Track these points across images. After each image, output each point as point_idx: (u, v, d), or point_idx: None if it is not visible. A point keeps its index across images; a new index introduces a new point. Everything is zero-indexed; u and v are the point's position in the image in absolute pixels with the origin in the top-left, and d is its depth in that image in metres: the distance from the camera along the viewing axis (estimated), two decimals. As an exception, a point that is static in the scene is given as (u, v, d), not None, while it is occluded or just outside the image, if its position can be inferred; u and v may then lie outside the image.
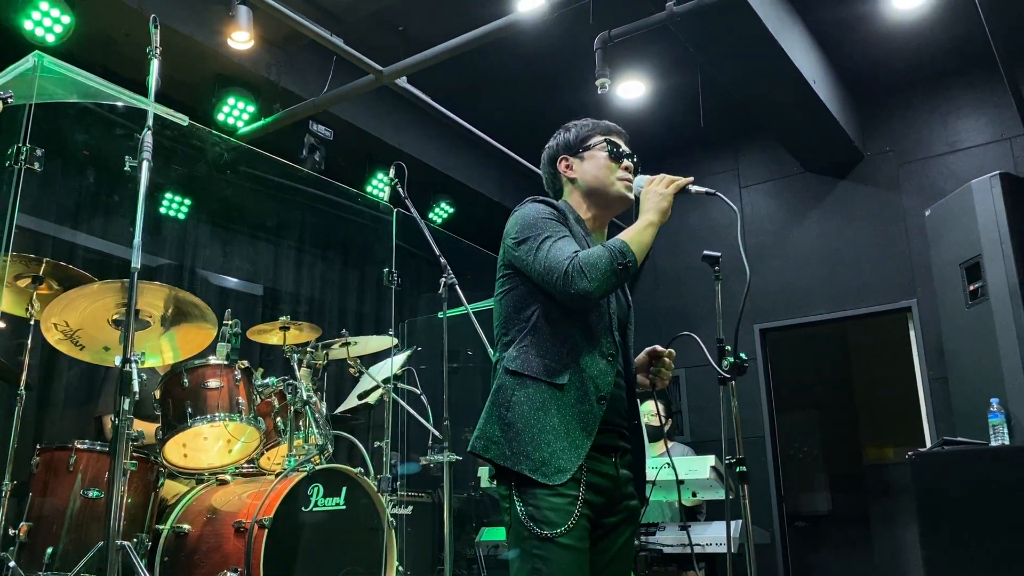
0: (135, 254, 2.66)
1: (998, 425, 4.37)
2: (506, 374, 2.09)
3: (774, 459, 6.49)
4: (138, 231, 2.68)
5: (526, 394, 2.04)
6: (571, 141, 2.33)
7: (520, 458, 1.98)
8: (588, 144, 2.31)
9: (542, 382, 2.04)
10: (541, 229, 2.11)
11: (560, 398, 2.03)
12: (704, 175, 7.25)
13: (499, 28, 4.57)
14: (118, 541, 2.50)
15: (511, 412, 2.03)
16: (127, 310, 2.57)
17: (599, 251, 2.03)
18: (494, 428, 2.05)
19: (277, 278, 6.38)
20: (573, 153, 2.32)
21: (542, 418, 2.01)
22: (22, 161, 2.32)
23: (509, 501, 2.00)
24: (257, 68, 5.19)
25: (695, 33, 4.88)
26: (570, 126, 2.37)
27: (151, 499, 3.43)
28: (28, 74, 2.41)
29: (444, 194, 6.83)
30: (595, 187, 2.28)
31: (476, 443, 2.07)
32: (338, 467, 3.52)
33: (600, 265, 2.00)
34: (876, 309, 6.33)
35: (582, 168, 2.30)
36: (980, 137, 6.09)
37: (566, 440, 2.00)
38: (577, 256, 2.02)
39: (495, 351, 2.20)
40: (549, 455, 1.97)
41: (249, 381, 3.70)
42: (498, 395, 2.08)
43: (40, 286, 3.42)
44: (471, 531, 5.88)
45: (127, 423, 2.49)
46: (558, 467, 1.96)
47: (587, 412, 2.04)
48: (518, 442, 1.99)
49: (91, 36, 4.61)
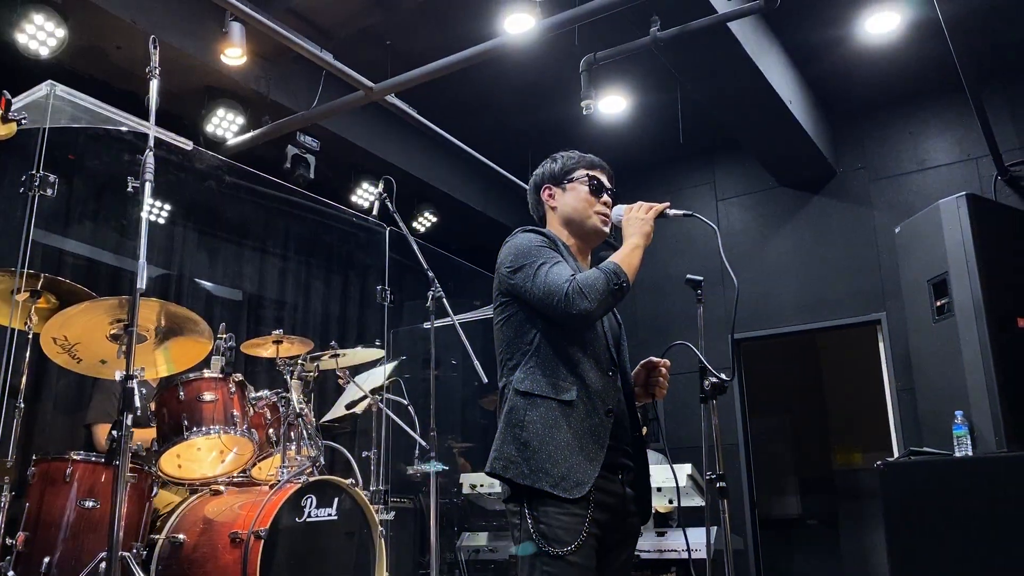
0: (140, 273, 2.71)
1: (962, 437, 4.52)
2: (516, 395, 2.17)
3: (747, 466, 6.65)
4: (142, 252, 2.73)
5: (538, 413, 2.12)
6: (556, 172, 2.45)
7: (539, 475, 2.06)
8: (572, 176, 2.43)
9: (551, 400, 2.13)
10: (535, 256, 2.21)
11: (570, 414, 2.12)
12: (682, 188, 7.42)
13: (487, 50, 4.67)
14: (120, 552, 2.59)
15: (526, 431, 2.11)
16: (127, 328, 2.65)
17: (595, 273, 2.16)
18: (510, 448, 2.12)
19: (262, 286, 6.44)
20: (557, 183, 2.44)
21: (556, 435, 2.09)
22: (35, 187, 2.38)
23: (520, 518, 2.08)
24: (247, 81, 5.25)
25: (677, 55, 5.02)
26: (557, 157, 2.48)
27: (145, 508, 3.51)
28: (41, 101, 2.47)
29: (427, 203, 6.93)
30: (572, 218, 2.40)
31: (495, 464, 2.14)
32: (331, 479, 3.61)
33: (598, 286, 2.12)
34: (847, 321, 6.52)
35: (563, 199, 2.42)
36: (948, 156, 6.30)
37: (581, 454, 2.09)
38: (575, 279, 2.13)
39: (500, 375, 2.28)
40: (567, 470, 2.06)
41: (243, 394, 3.78)
42: (511, 416, 2.15)
43: (38, 300, 3.47)
44: (452, 535, 5.98)
45: (128, 437, 2.57)
46: (576, 481, 2.05)
47: (597, 426, 2.13)
48: (536, 460, 2.07)
49: (84, 49, 4.66)
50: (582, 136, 6.49)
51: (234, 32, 4.38)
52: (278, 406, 3.84)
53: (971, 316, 4.72)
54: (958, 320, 4.78)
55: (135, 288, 2.70)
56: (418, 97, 5.45)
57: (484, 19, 5.10)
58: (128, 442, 2.59)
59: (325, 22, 5.18)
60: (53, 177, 2.42)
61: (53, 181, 2.41)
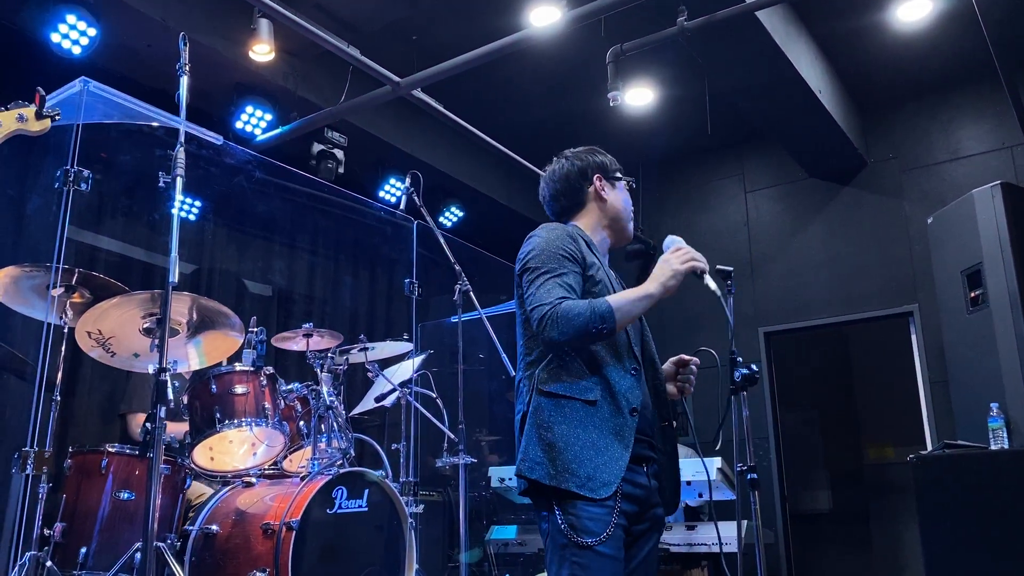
0: (172, 268, 2.74)
1: (997, 429, 4.47)
2: (540, 395, 2.16)
3: (777, 460, 6.60)
4: (174, 246, 2.77)
5: (563, 414, 2.12)
6: (607, 164, 2.44)
7: (566, 475, 2.06)
8: (618, 175, 2.44)
9: (576, 400, 2.12)
10: (543, 263, 2.18)
11: (594, 414, 2.11)
12: (711, 180, 7.37)
13: (513, 42, 4.67)
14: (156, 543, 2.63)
15: (551, 432, 2.10)
16: (161, 321, 2.69)
17: (582, 307, 2.08)
18: (537, 450, 2.12)
19: (292, 281, 6.49)
20: (607, 177, 2.43)
21: (581, 435, 2.09)
22: (70, 182, 2.42)
23: (548, 509, 2.08)
24: (275, 77, 5.30)
25: (704, 46, 5.00)
26: (596, 151, 2.47)
27: (179, 500, 3.56)
28: (75, 97, 2.51)
29: (454, 197, 6.94)
30: (620, 215, 2.42)
31: (522, 466, 2.14)
32: (361, 470, 3.63)
33: (576, 323, 2.06)
34: (878, 313, 6.45)
35: (614, 193, 2.42)
36: (981, 145, 6.20)
37: (606, 454, 2.08)
38: (559, 305, 2.08)
39: (519, 368, 2.27)
40: (593, 470, 2.06)
41: (274, 387, 3.82)
42: (536, 417, 2.15)
43: (73, 295, 3.53)
44: (481, 529, 5.99)
45: (161, 430, 2.61)
46: (603, 481, 2.05)
47: (622, 425, 2.12)
48: (562, 460, 2.07)
49: (115, 47, 4.72)
50: (609, 129, 6.46)
51: (262, 28, 4.41)
52: (308, 399, 3.87)
53: (1006, 306, 4.65)
54: (993, 311, 4.72)
55: (167, 282, 2.76)
56: (444, 91, 5.45)
57: (510, 12, 5.10)
58: (162, 434, 2.64)
59: (351, 17, 5.20)
60: (87, 172, 2.45)
61: (88, 176, 2.45)
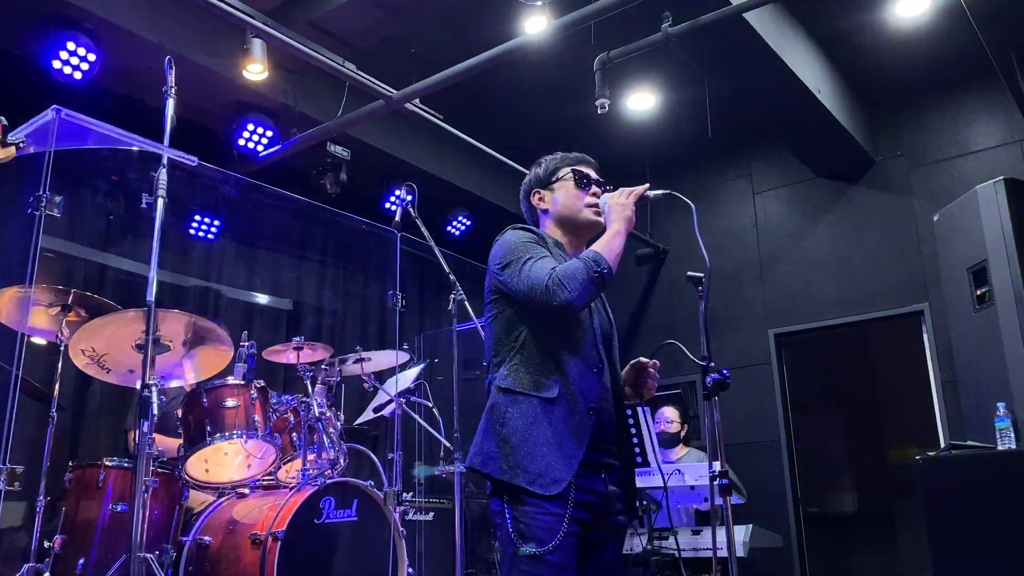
0: (150, 287, 2.84)
1: (1005, 429, 4.39)
2: (498, 392, 2.20)
3: (790, 462, 6.54)
4: (153, 265, 2.87)
5: (519, 410, 2.14)
6: (541, 175, 2.49)
7: (517, 471, 2.08)
8: (557, 176, 2.46)
9: (533, 397, 2.15)
10: (522, 252, 2.24)
11: (551, 411, 2.14)
12: (719, 182, 7.33)
13: (505, 51, 4.69)
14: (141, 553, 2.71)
15: (505, 428, 2.13)
16: (146, 338, 2.78)
17: (575, 263, 2.17)
18: (490, 444, 2.15)
19: (300, 294, 6.57)
20: (544, 186, 2.47)
21: (535, 431, 2.11)
22: (42, 208, 2.51)
23: (501, 517, 2.11)
24: (274, 94, 5.38)
25: (695, 50, 4.99)
26: (541, 161, 2.52)
27: (175, 512, 3.65)
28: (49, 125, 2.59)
29: (461, 207, 6.98)
30: (564, 215, 2.44)
31: (474, 459, 2.18)
32: (349, 480, 3.69)
33: (578, 276, 2.13)
34: (889, 313, 6.36)
35: (552, 199, 2.46)
36: (990, 140, 6.09)
37: (559, 451, 2.10)
38: (555, 271, 2.15)
39: (487, 372, 2.31)
40: (544, 467, 2.07)
41: (265, 399, 3.89)
42: (492, 412, 2.18)
43: (69, 313, 3.65)
44: (491, 536, 6.02)
45: (147, 443, 2.69)
46: (553, 478, 2.07)
47: (578, 423, 2.14)
48: (515, 456, 2.09)
49: (115, 71, 4.83)
50: (612, 134, 6.47)
51: (255, 48, 4.49)
52: (299, 410, 3.94)
53: (1012, 304, 4.57)
54: (998, 308, 4.64)
55: (148, 300, 2.85)
56: (448, 103, 5.49)
57: (505, 23, 5.12)
58: (147, 448, 2.71)
59: (346, 33, 5.28)
60: (59, 198, 2.55)
61: (59, 201, 2.54)
